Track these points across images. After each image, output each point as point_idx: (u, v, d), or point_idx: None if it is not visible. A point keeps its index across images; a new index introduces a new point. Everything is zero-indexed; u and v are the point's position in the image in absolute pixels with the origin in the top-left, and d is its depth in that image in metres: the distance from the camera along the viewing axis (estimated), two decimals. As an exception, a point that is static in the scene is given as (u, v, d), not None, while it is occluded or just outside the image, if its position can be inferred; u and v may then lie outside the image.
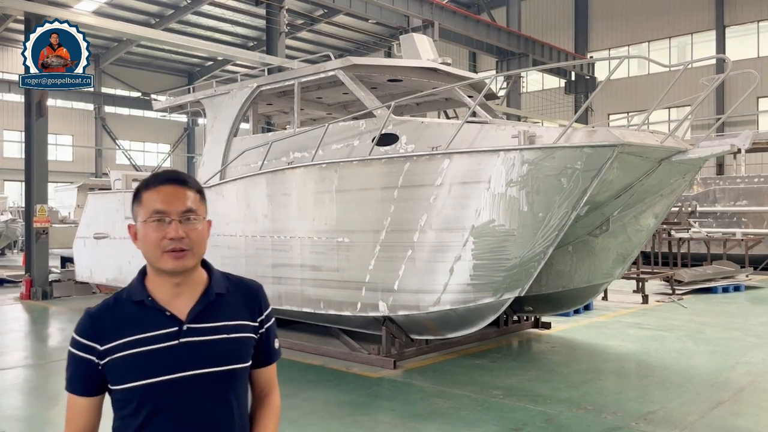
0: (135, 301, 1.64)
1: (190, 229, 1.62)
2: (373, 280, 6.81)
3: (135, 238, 1.69)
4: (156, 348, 1.60)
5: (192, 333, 1.62)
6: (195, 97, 9.98)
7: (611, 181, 5.95)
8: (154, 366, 1.59)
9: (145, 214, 1.63)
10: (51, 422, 5.54)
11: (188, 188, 1.66)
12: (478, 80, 8.51)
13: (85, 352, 1.62)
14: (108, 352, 1.60)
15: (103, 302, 1.69)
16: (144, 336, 1.60)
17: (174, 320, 1.62)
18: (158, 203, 1.62)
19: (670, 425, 5.08)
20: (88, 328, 1.64)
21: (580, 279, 7.67)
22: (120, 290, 1.71)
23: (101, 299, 7.62)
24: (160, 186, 1.64)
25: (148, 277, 1.69)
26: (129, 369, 1.59)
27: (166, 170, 1.72)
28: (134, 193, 1.70)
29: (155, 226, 1.61)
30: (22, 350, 8.47)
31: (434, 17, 20.47)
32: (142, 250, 1.65)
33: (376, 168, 6.84)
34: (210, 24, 31.16)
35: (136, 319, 1.62)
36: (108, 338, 1.61)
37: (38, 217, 12.58)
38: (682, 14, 29.24)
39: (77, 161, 37.39)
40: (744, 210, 17.03)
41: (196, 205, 1.65)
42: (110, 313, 1.65)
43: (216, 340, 1.64)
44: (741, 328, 9.18)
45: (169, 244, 1.59)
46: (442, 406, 5.62)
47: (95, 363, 1.62)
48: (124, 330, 1.61)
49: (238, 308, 1.71)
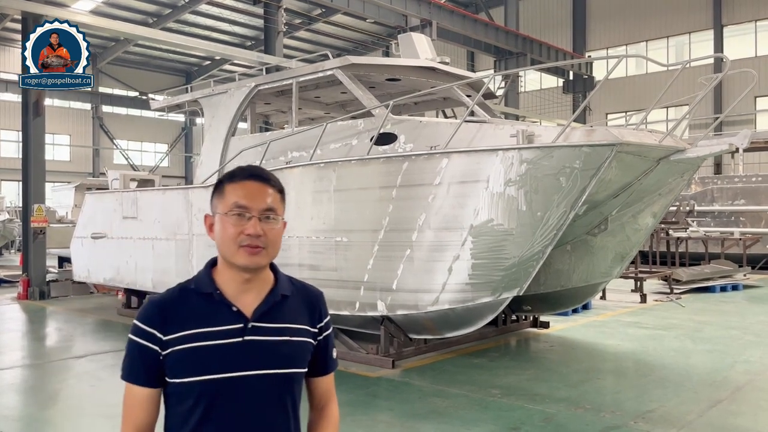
0: (203, 294, 1.62)
1: (268, 228, 1.60)
2: (372, 279, 6.81)
3: (210, 230, 1.66)
4: (220, 344, 1.57)
5: (256, 332, 1.60)
6: (193, 97, 9.96)
7: (610, 181, 5.95)
8: (216, 362, 1.56)
9: (225, 207, 1.60)
10: (48, 422, 5.52)
11: (271, 186, 1.64)
12: (477, 79, 8.50)
13: (147, 340, 1.58)
14: (171, 342, 1.57)
15: (168, 291, 1.66)
16: (209, 330, 1.57)
17: (240, 316, 1.60)
18: (240, 198, 1.59)
19: (669, 424, 5.08)
20: (152, 316, 1.60)
21: (579, 278, 7.67)
22: (185, 281, 1.68)
23: (99, 299, 7.59)
24: (245, 181, 1.62)
25: (216, 269, 1.66)
26: (191, 362, 1.56)
27: (250, 166, 1.69)
28: (216, 184, 1.67)
29: (234, 220, 1.59)
30: (20, 350, 8.45)
31: (432, 16, 20.47)
32: (217, 243, 1.63)
33: (374, 167, 6.83)
34: (208, 23, 31.12)
35: (202, 312, 1.60)
36: (172, 328, 1.58)
37: (35, 216, 12.55)
38: (680, 14, 29.27)
39: (75, 161, 37.31)
40: (742, 209, 17.06)
41: (277, 204, 1.64)
42: (176, 303, 1.62)
43: (278, 342, 1.62)
44: (739, 327, 9.19)
45: (246, 239, 1.58)
46: (441, 406, 5.62)
47: (157, 352, 1.58)
48: (189, 321, 1.58)
49: (300, 312, 1.70)
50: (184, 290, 1.64)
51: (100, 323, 10.19)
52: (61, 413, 5.81)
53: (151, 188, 11.54)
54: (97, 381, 6.70)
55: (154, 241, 9.74)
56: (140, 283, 10.19)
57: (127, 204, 10.45)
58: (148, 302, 1.64)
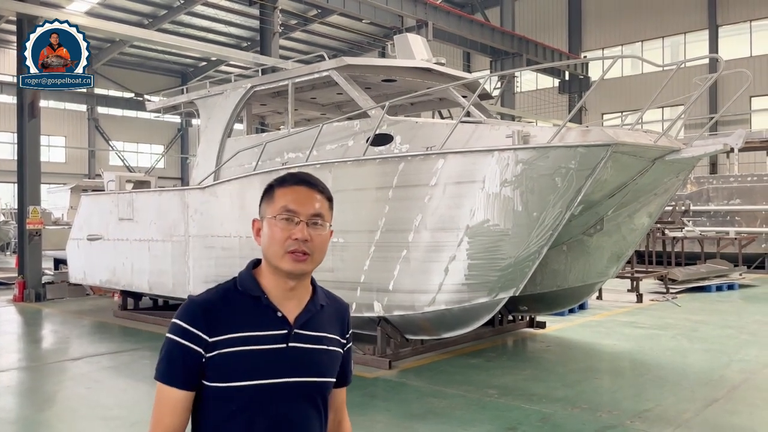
0: (250, 296, 1.59)
1: (315, 234, 1.59)
2: (368, 280, 6.81)
3: (257, 234, 1.64)
4: (266, 348, 1.54)
5: (298, 339, 1.59)
6: (188, 98, 9.95)
7: (605, 181, 5.96)
8: (262, 367, 1.53)
9: (274, 211, 1.59)
10: (45, 424, 5.51)
11: (320, 192, 1.63)
12: (472, 80, 8.52)
13: (190, 341, 1.52)
14: (217, 345, 1.52)
15: (210, 292, 1.61)
16: (256, 334, 1.54)
17: (284, 322, 1.58)
18: (290, 202, 1.58)
19: (665, 423, 5.09)
20: (197, 317, 1.54)
21: (575, 278, 7.68)
22: (226, 282, 1.64)
23: (95, 301, 7.57)
24: (295, 186, 1.61)
25: (259, 272, 1.64)
26: (237, 366, 1.52)
27: (301, 172, 1.68)
28: (266, 188, 1.65)
29: (283, 225, 1.57)
30: (16, 352, 8.42)
31: (428, 17, 20.48)
32: (263, 246, 1.61)
33: (370, 168, 6.84)
34: (203, 24, 31.07)
35: (248, 315, 1.56)
36: (219, 330, 1.53)
37: (31, 218, 12.51)
38: (675, 14, 29.35)
39: (70, 162, 37.21)
40: (737, 209, 17.11)
41: (325, 211, 1.63)
42: (221, 304, 1.57)
43: (317, 350, 1.62)
44: (735, 326, 9.22)
45: (293, 244, 1.56)
46: (438, 406, 5.62)
47: (200, 355, 1.52)
48: (236, 324, 1.54)
49: (333, 323, 1.71)
50: (227, 291, 1.61)
51: (96, 325, 10.16)
52: (57, 415, 5.80)
53: (147, 190, 11.52)
54: (93, 383, 6.69)
55: (150, 242, 9.72)
56: (136, 284, 10.17)
57: (123, 205, 10.43)
58: (191, 302, 1.58)
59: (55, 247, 14.66)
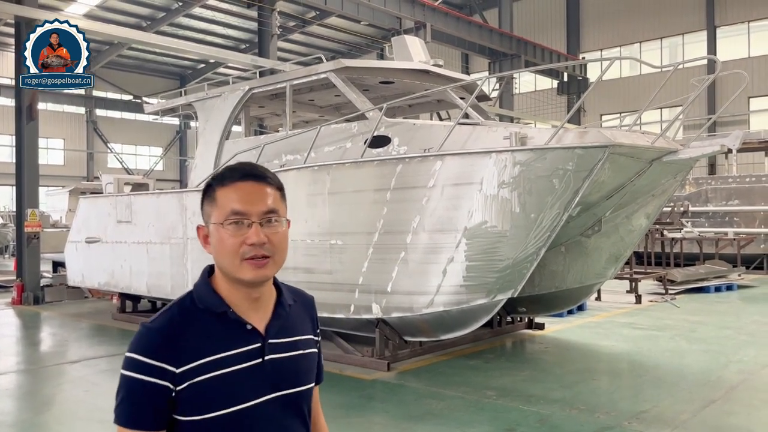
0: (215, 313, 1.40)
1: (272, 232, 1.40)
2: (367, 282, 6.81)
3: (205, 242, 1.46)
4: (242, 367, 1.38)
5: (274, 349, 1.43)
6: (187, 100, 9.96)
7: (603, 182, 5.97)
8: (241, 390, 1.37)
9: (220, 216, 1.40)
10: (43, 427, 5.50)
11: (269, 185, 1.44)
12: (471, 82, 8.54)
13: (155, 376, 1.33)
14: (186, 375, 1.33)
15: (165, 314, 1.41)
16: (228, 354, 1.37)
17: (256, 335, 1.42)
18: (236, 203, 1.39)
19: (663, 424, 5.09)
20: (158, 346, 1.34)
21: (573, 279, 7.69)
22: (180, 299, 1.45)
23: (93, 304, 7.56)
24: (238, 182, 1.41)
25: (217, 284, 1.44)
26: (213, 395, 1.35)
27: (242, 163, 1.47)
28: (205, 189, 1.46)
29: (232, 230, 1.38)
30: (14, 355, 8.41)
31: (426, 19, 20.50)
32: (215, 257, 1.43)
33: (368, 170, 6.84)
34: (202, 27, 31.08)
35: (217, 334, 1.38)
36: (186, 358, 1.34)
37: (29, 221, 12.50)
38: (674, 15, 29.40)
39: (68, 165, 37.18)
40: (736, 209, 17.12)
41: (278, 204, 1.44)
42: (184, 327, 1.38)
43: (295, 357, 1.47)
44: (733, 327, 9.23)
45: (249, 250, 1.37)
46: (436, 408, 5.62)
47: (168, 389, 1.33)
48: (205, 347, 1.36)
49: (304, 321, 1.55)
50: (186, 311, 1.42)
51: (94, 328, 10.15)
52: (55, 418, 5.79)
53: (145, 192, 11.52)
54: (91, 386, 6.68)
55: (149, 245, 9.71)
56: (135, 287, 10.16)
57: (121, 208, 10.42)
58: (146, 330, 1.38)
59: (53, 249, 14.63)
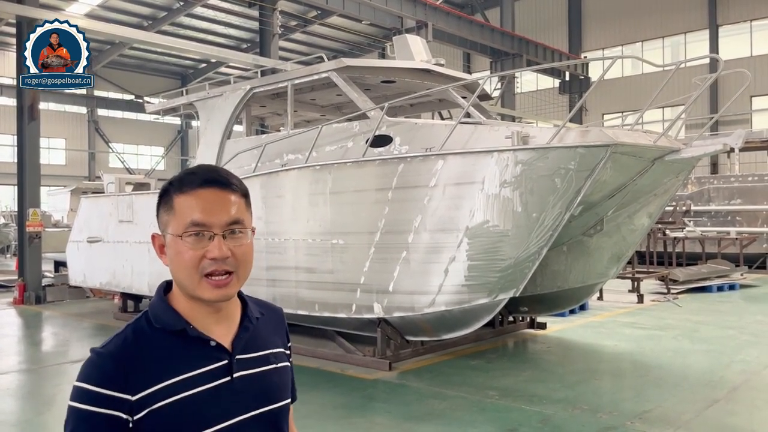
0: (174, 332, 1.28)
1: (235, 246, 1.27)
2: (368, 281, 6.80)
3: (161, 252, 1.33)
4: (209, 387, 1.26)
5: (243, 365, 1.32)
6: (188, 100, 9.95)
7: (605, 181, 5.95)
8: (209, 412, 1.25)
9: (178, 227, 1.26)
10: (44, 427, 5.50)
11: (233, 192, 1.29)
12: (472, 81, 8.52)
13: (108, 407, 1.20)
14: (145, 402, 1.21)
15: (119, 337, 1.28)
16: (192, 374, 1.25)
17: (221, 351, 1.30)
18: (197, 212, 1.25)
19: (665, 424, 5.08)
20: (109, 373, 1.21)
21: (575, 279, 7.67)
22: (134, 320, 1.32)
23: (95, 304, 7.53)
24: (199, 189, 1.27)
25: (175, 299, 1.32)
26: (179, 420, 1.22)
27: (203, 167, 1.33)
28: (161, 194, 1.33)
29: (192, 242, 1.25)
30: (16, 355, 8.41)
31: (428, 18, 20.49)
32: (172, 271, 1.29)
33: (370, 169, 6.83)
34: (203, 26, 31.09)
35: (177, 354, 1.26)
36: (143, 384, 1.22)
37: (31, 221, 12.51)
38: (676, 14, 29.35)
39: (70, 165, 37.23)
40: (738, 209, 17.09)
41: (243, 213, 1.30)
42: (139, 350, 1.25)
43: (266, 373, 1.36)
44: (736, 327, 9.20)
45: (210, 265, 1.25)
46: (438, 408, 5.61)
47: (124, 421, 1.20)
48: (164, 369, 1.24)
49: (274, 334, 1.44)
50: (140, 332, 1.28)
51: (96, 327, 10.16)
52: (56, 418, 5.78)
53: (146, 192, 11.51)
54: (93, 385, 6.67)
55: (150, 244, 9.69)
56: (136, 287, 10.16)
57: (122, 208, 10.42)
58: (96, 356, 1.24)
59: (55, 249, 14.65)
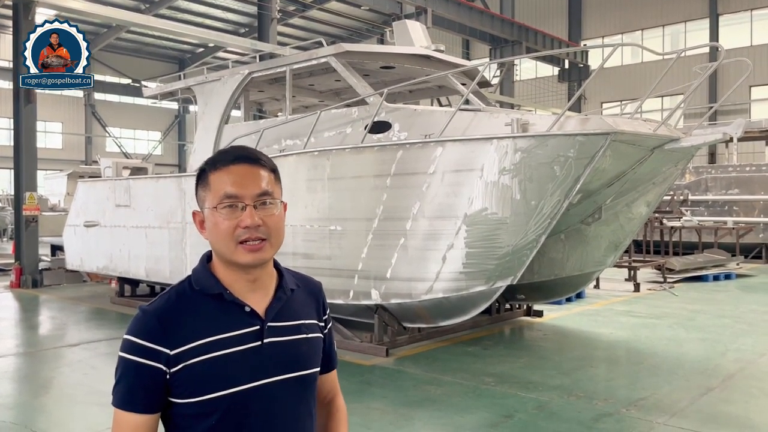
0: (212, 295, 1.41)
1: (266, 215, 1.40)
2: (366, 268, 6.80)
3: (201, 227, 1.46)
4: (240, 350, 1.38)
5: (274, 333, 1.43)
6: (186, 84, 9.90)
7: (604, 170, 5.94)
8: (238, 372, 1.37)
9: (214, 200, 1.40)
10: (41, 410, 5.52)
11: (262, 167, 1.43)
12: (471, 68, 8.47)
13: (149, 358, 1.34)
14: (181, 357, 1.34)
15: (162, 298, 1.42)
16: (225, 336, 1.37)
17: (255, 317, 1.42)
18: (229, 186, 1.38)
19: (660, 411, 5.11)
20: (153, 329, 1.35)
21: (573, 267, 7.69)
22: (179, 284, 1.46)
23: (92, 288, 7.56)
24: (231, 165, 1.41)
25: (215, 267, 1.45)
26: (210, 376, 1.35)
27: (234, 147, 1.47)
28: (198, 174, 1.46)
29: (226, 213, 1.38)
30: (13, 338, 8.42)
31: (427, 4, 20.36)
32: (211, 242, 1.42)
33: (368, 156, 6.81)
34: (201, 10, 30.86)
35: (211, 316, 1.39)
36: (181, 340, 1.35)
37: (28, 204, 12.48)
38: (676, 2, 29.22)
39: (67, 149, 37.09)
40: (735, 199, 17.12)
41: (272, 186, 1.43)
42: (178, 309, 1.39)
43: (296, 341, 1.46)
44: (731, 316, 9.25)
45: (244, 233, 1.37)
46: (435, 393, 5.64)
47: (162, 372, 1.34)
48: (199, 329, 1.37)
49: (308, 306, 1.55)
50: (183, 294, 1.43)
51: (93, 311, 10.16)
52: (54, 401, 5.80)
53: (144, 176, 11.48)
54: (90, 369, 6.69)
55: (147, 229, 9.70)
56: (133, 271, 10.16)
57: (119, 192, 10.39)
58: (143, 313, 1.39)
59: (52, 233, 14.63)
